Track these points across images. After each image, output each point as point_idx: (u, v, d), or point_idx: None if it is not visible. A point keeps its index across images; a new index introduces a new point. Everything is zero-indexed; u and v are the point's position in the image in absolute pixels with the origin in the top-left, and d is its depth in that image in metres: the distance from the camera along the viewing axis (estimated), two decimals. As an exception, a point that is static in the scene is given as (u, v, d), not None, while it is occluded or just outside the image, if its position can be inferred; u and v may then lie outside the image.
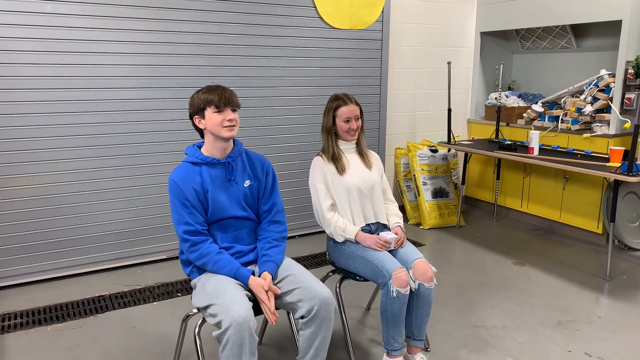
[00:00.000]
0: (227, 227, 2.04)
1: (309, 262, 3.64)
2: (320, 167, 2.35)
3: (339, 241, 2.33)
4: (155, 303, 3.01)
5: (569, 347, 2.55)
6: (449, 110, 4.40)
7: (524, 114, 4.51)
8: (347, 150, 2.41)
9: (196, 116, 1.98)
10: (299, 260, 3.65)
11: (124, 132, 3.38)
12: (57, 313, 2.88)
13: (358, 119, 2.37)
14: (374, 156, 2.50)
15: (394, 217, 2.44)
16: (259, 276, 1.96)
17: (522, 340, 2.61)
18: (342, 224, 2.31)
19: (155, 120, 3.47)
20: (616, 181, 3.31)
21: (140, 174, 3.48)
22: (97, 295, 3.10)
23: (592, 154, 3.78)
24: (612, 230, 3.36)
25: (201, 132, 2.03)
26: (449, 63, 4.35)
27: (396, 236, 2.30)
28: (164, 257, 3.65)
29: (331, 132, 2.38)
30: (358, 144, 2.45)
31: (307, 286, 1.92)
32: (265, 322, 2.54)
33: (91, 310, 2.91)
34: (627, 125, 3.58)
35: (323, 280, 2.44)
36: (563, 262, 3.66)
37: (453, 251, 3.90)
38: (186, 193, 1.94)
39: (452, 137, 4.43)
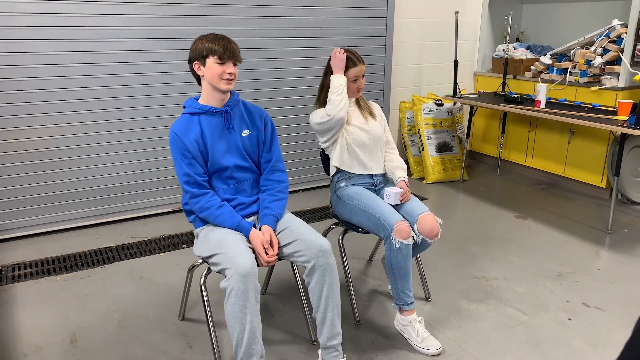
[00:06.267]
0: (228, 178, 2.04)
1: (312, 215, 3.67)
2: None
3: (339, 105, 2.23)
4: (161, 254, 3.07)
5: (568, 297, 2.60)
6: (456, 63, 4.31)
7: (532, 67, 4.41)
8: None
9: (196, 62, 1.94)
10: (302, 213, 3.69)
11: (130, 84, 3.34)
12: (66, 263, 2.94)
13: (363, 76, 2.34)
14: (375, 107, 2.48)
15: (399, 171, 2.41)
16: (260, 229, 1.98)
17: (521, 291, 2.66)
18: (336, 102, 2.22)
19: (162, 72, 3.42)
20: (622, 135, 3.28)
21: (146, 126, 3.47)
22: (104, 246, 3.16)
23: (600, 107, 3.72)
24: (615, 184, 3.36)
25: (198, 78, 2.01)
26: (456, 13, 4.22)
27: (402, 190, 2.30)
28: (169, 209, 3.69)
29: None
30: (357, 99, 2.42)
31: (304, 237, 1.94)
32: (269, 272, 2.59)
33: (99, 261, 2.97)
34: (638, 77, 3.51)
35: (326, 232, 2.48)
36: (565, 216, 3.68)
37: (456, 205, 3.92)
38: (187, 144, 1.94)
39: (458, 90, 4.36)
